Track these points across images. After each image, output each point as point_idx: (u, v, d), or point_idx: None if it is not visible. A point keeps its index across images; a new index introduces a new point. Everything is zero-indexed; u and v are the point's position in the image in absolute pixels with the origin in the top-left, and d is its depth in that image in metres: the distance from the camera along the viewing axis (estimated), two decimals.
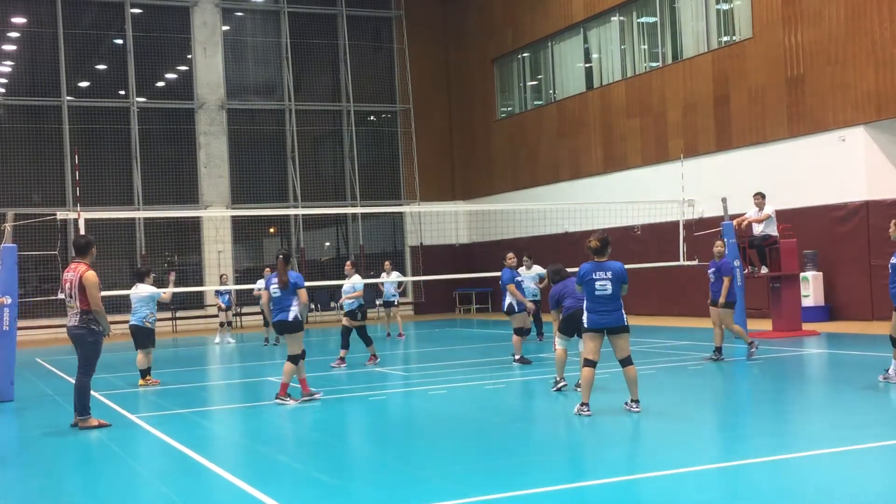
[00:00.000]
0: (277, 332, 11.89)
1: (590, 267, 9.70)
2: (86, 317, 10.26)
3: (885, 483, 6.87)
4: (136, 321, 14.35)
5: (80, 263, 10.38)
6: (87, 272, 10.24)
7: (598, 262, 9.71)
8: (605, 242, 9.78)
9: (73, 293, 10.26)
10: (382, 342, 21.37)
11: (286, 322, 11.46)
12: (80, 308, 10.23)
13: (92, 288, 10.18)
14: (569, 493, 6.75)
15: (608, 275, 9.60)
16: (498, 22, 32.30)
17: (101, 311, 10.28)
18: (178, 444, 9.23)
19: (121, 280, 30.31)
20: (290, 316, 11.43)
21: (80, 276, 10.21)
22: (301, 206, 31.09)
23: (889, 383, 10.94)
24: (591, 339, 9.73)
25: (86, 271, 10.25)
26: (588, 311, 9.70)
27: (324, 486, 7.42)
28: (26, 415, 11.97)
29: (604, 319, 9.62)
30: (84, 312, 10.25)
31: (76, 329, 10.31)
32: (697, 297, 23.59)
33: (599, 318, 9.63)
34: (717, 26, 24.13)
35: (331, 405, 11.31)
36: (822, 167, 20.79)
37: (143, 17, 31.15)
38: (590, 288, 9.62)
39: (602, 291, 9.57)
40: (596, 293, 9.59)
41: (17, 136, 29.56)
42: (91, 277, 10.21)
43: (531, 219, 26.09)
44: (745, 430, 9.10)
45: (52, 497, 7.58)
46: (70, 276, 10.33)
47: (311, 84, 33.83)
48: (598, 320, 9.64)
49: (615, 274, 9.62)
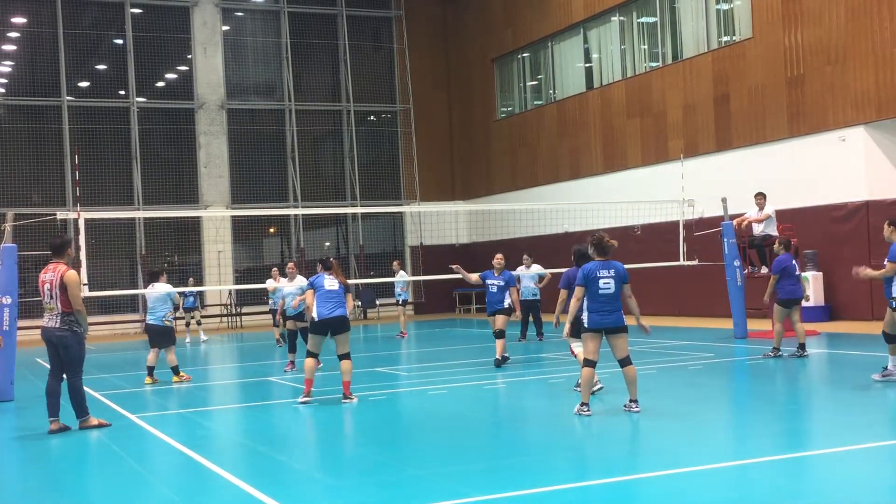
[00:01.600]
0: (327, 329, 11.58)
1: (594, 266, 9.73)
2: (67, 318, 10.00)
3: (886, 483, 6.87)
4: (154, 320, 14.43)
5: (58, 264, 10.15)
6: (67, 272, 10.02)
7: (602, 261, 9.74)
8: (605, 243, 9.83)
9: (53, 294, 10.01)
10: (385, 342, 21.40)
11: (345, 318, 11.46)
12: (62, 309, 9.98)
13: (74, 287, 9.97)
14: (569, 493, 6.75)
15: (612, 273, 9.65)
16: (498, 22, 32.30)
17: (83, 311, 10.07)
18: (179, 444, 9.23)
19: (121, 280, 30.37)
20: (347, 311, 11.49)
21: (61, 276, 9.97)
22: (301, 206, 31.09)
23: (890, 381, 10.92)
24: (591, 339, 9.74)
25: (66, 271, 10.03)
26: (589, 310, 9.71)
27: (324, 486, 7.43)
28: (26, 415, 11.96)
29: (605, 319, 9.64)
30: (65, 314, 9.99)
31: (59, 332, 10.03)
32: (697, 297, 23.66)
33: (601, 318, 9.65)
34: (717, 26, 24.13)
35: (331, 405, 11.31)
36: (822, 167, 20.79)
37: (143, 17, 31.15)
38: (594, 287, 9.64)
39: (605, 290, 9.60)
40: (600, 292, 9.61)
41: (17, 136, 29.55)
42: (73, 277, 10.01)
43: (531, 219, 26.09)
44: (745, 430, 9.10)
45: (52, 497, 7.58)
46: (49, 276, 10.07)
47: (311, 84, 33.83)
48: (600, 320, 9.66)
49: (618, 273, 9.70)
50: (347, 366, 11.43)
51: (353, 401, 11.36)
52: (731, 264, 17.64)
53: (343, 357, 11.47)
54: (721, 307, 20.00)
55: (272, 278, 19.07)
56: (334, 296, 11.46)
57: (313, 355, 11.56)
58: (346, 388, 11.46)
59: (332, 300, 11.42)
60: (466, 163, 34.55)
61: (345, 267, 32.78)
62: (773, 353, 13.71)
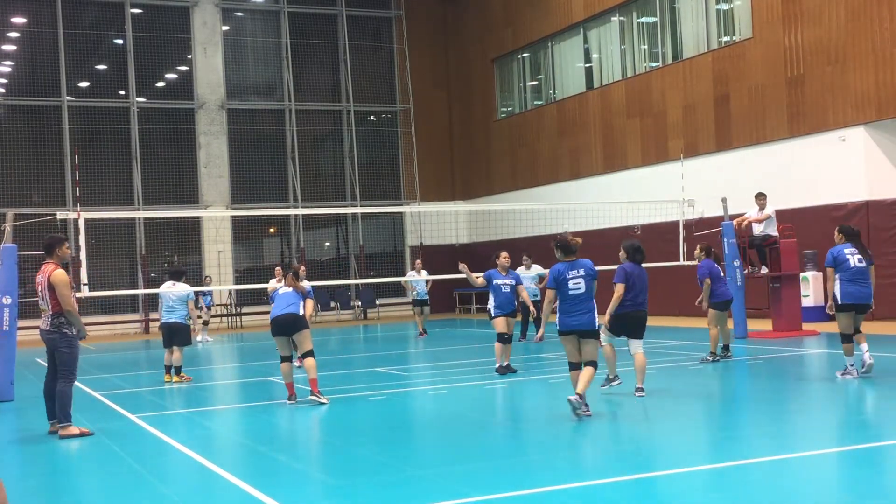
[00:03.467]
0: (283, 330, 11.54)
1: (563, 267, 9.57)
2: (57, 320, 9.77)
3: (886, 483, 6.87)
4: (177, 318, 14.40)
5: (48, 263, 9.96)
6: (55, 271, 9.81)
7: (569, 261, 9.60)
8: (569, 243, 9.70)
9: (43, 295, 9.84)
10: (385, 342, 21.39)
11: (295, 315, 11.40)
12: (52, 310, 9.79)
13: (62, 287, 9.73)
14: (569, 493, 6.75)
15: (581, 272, 9.52)
16: (498, 22, 32.30)
17: (74, 312, 9.82)
18: (178, 444, 9.23)
19: (121, 280, 30.36)
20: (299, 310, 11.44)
21: (48, 276, 9.77)
22: (301, 206, 31.09)
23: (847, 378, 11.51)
24: (566, 341, 9.62)
25: (53, 270, 9.82)
26: (560, 312, 9.55)
27: (324, 486, 7.42)
28: (26, 415, 11.96)
29: (576, 321, 9.48)
30: (56, 315, 9.77)
31: (48, 334, 9.85)
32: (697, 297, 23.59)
33: (571, 320, 9.48)
34: (717, 26, 24.13)
35: (331, 405, 11.31)
36: (822, 167, 20.79)
37: (143, 17, 31.15)
38: (564, 288, 9.48)
39: (576, 290, 9.46)
40: (570, 293, 9.46)
41: (17, 136, 29.55)
42: (59, 276, 9.78)
43: (531, 219, 26.07)
44: (746, 430, 9.09)
45: (52, 497, 7.59)
46: (40, 278, 9.92)
47: (311, 84, 33.82)
48: (571, 322, 9.49)
49: (587, 271, 9.56)
50: (310, 363, 11.42)
51: (321, 400, 11.27)
52: (731, 264, 17.64)
53: (305, 355, 11.49)
54: None
55: (275, 278, 19.06)
56: (286, 298, 11.52)
57: (286, 359, 11.64)
58: (312, 386, 11.38)
59: (283, 301, 11.50)
60: (466, 163, 34.55)
61: (345, 267, 32.82)
62: (711, 358, 13.83)
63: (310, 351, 11.52)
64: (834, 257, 11.99)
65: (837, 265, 11.93)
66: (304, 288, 11.71)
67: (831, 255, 12.03)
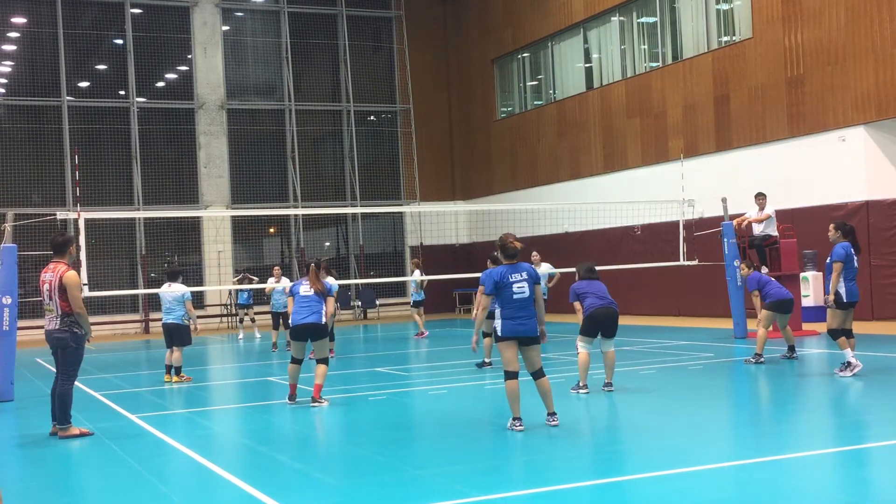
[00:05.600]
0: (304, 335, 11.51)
1: (504, 269, 9.18)
2: (68, 319, 9.71)
3: (886, 483, 6.87)
4: (175, 319, 14.39)
5: (58, 263, 9.88)
6: (67, 272, 9.74)
7: (511, 264, 9.23)
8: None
9: (52, 295, 9.76)
10: (385, 342, 21.39)
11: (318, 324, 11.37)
12: (62, 311, 9.73)
13: (73, 289, 9.69)
14: (569, 493, 6.75)
15: (524, 276, 9.16)
16: (498, 22, 32.31)
17: (84, 313, 9.77)
18: (178, 444, 9.23)
19: (121, 280, 30.35)
20: (321, 318, 11.39)
21: (60, 276, 9.70)
22: (301, 206, 31.10)
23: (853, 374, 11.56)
24: (507, 347, 9.12)
25: (66, 271, 9.75)
26: (504, 317, 9.14)
27: (324, 486, 7.42)
28: (26, 415, 11.96)
29: (520, 327, 9.11)
30: (66, 315, 9.70)
31: (58, 333, 9.77)
32: (697, 297, 23.65)
33: (516, 325, 9.10)
34: (717, 26, 24.13)
35: (331, 405, 11.31)
36: (822, 167, 20.79)
37: (143, 17, 31.15)
38: (507, 292, 9.09)
39: (520, 294, 9.08)
40: (514, 297, 9.08)
41: (17, 136, 29.55)
42: (72, 278, 9.72)
43: (531, 219, 26.08)
44: (745, 430, 9.10)
45: (53, 497, 7.58)
46: (49, 276, 9.82)
47: (311, 84, 33.83)
48: (515, 327, 9.10)
49: (530, 274, 9.22)
50: (322, 369, 11.41)
51: (322, 404, 11.26)
52: (731, 264, 17.64)
53: (319, 361, 11.48)
54: (721, 307, 20.02)
55: (273, 277, 19.08)
56: (308, 302, 11.45)
57: (297, 361, 11.62)
58: (315, 391, 11.34)
59: (306, 307, 11.42)
60: (466, 163, 34.55)
61: (345, 267, 32.81)
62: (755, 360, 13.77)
63: (325, 358, 11.54)
64: (847, 254, 11.89)
65: (847, 262, 11.88)
66: (325, 287, 11.62)
67: (844, 251, 11.89)
